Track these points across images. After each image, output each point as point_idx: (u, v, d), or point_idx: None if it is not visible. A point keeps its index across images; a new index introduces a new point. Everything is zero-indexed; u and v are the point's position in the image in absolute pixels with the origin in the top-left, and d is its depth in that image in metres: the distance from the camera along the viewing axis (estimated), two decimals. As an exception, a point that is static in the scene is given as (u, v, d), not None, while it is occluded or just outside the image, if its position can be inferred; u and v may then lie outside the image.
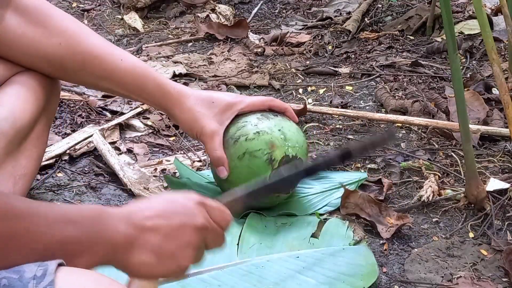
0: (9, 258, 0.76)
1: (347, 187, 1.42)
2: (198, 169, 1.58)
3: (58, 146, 1.64)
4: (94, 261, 0.85)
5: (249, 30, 2.46)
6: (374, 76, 2.08)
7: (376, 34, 2.39)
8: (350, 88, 2.03)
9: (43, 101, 1.16)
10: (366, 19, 2.50)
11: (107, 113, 1.87)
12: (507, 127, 1.65)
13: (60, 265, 0.75)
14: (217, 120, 1.31)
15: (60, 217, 0.80)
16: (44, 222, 0.77)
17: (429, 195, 1.43)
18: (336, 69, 2.15)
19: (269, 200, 1.35)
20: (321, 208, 1.40)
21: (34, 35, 1.14)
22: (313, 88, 2.04)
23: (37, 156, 1.18)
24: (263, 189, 1.07)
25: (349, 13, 2.61)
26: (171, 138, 1.76)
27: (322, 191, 1.44)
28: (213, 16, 2.61)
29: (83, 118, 1.81)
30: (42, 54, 1.15)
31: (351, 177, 1.49)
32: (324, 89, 2.02)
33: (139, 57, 2.24)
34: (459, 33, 2.30)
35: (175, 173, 1.55)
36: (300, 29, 2.54)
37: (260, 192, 1.07)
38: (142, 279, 0.91)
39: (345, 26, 2.45)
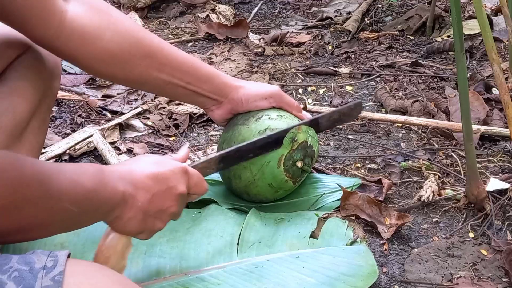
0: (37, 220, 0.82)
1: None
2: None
3: (58, 146, 1.64)
4: (97, 218, 0.96)
5: (249, 30, 2.46)
6: (374, 76, 2.08)
7: (376, 34, 2.39)
8: (350, 88, 2.03)
9: (43, 89, 1.15)
10: (366, 19, 2.51)
11: (107, 113, 1.87)
12: (507, 127, 1.65)
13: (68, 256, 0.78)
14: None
15: (71, 181, 0.86)
16: (57, 187, 0.83)
17: (429, 195, 1.43)
18: (336, 69, 2.15)
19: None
20: (319, 208, 1.40)
21: (101, 20, 1.12)
22: (313, 88, 2.04)
23: (38, 147, 1.18)
24: (233, 154, 1.25)
25: (349, 13, 2.62)
26: (171, 138, 1.76)
27: (318, 195, 1.44)
28: (213, 16, 2.61)
29: (83, 118, 1.81)
30: (108, 40, 1.13)
31: (344, 182, 1.48)
32: (324, 89, 2.02)
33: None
34: (459, 33, 2.30)
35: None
36: (300, 29, 2.54)
37: (230, 157, 1.24)
38: (123, 234, 1.02)
39: (345, 26, 2.45)
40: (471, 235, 1.36)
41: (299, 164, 1.35)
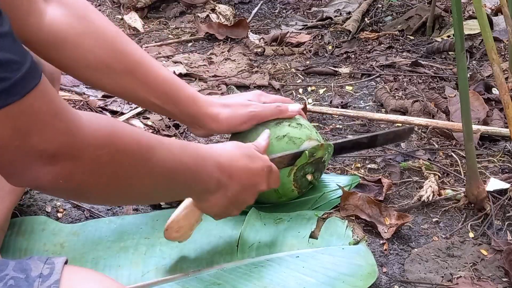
0: (143, 183, 0.88)
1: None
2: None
3: (58, 146, 1.63)
4: (187, 194, 1.06)
5: (249, 30, 2.46)
6: (374, 76, 2.08)
7: (376, 34, 2.39)
8: (350, 88, 2.03)
9: None
10: (366, 19, 2.50)
11: (107, 113, 1.87)
12: (507, 127, 1.65)
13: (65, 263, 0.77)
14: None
15: (172, 153, 0.92)
16: (168, 153, 0.90)
17: (429, 195, 1.43)
18: (336, 69, 2.15)
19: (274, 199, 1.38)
20: (317, 208, 1.40)
21: (81, 28, 1.08)
22: (313, 88, 2.04)
23: None
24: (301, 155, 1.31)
25: (349, 13, 2.61)
26: (171, 138, 1.76)
27: (318, 194, 1.44)
28: (213, 16, 2.61)
29: (83, 118, 1.81)
30: (86, 49, 1.10)
31: (343, 181, 1.48)
32: (324, 89, 2.02)
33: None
34: (459, 33, 2.29)
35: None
36: (300, 29, 2.54)
37: (298, 157, 1.31)
38: (203, 212, 1.13)
39: (345, 26, 2.44)
40: (471, 235, 1.36)
41: (309, 177, 1.36)
